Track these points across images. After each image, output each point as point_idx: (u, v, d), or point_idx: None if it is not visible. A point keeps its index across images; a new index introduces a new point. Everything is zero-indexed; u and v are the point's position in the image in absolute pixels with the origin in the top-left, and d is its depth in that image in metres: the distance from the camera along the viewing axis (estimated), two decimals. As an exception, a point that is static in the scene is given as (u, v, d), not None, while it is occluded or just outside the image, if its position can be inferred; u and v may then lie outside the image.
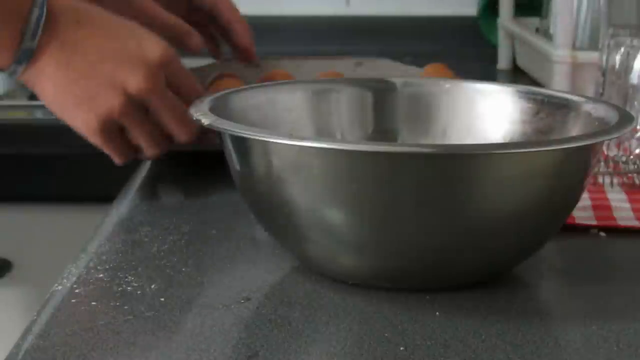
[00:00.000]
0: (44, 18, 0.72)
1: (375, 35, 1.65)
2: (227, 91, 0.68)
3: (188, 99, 0.75)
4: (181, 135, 0.78)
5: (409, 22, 1.67)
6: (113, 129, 0.76)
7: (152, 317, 0.56)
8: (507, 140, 0.68)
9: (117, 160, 0.79)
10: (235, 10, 1.05)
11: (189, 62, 1.06)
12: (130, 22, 0.77)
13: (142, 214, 0.74)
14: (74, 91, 0.74)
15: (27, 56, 0.73)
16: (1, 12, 0.71)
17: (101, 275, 0.62)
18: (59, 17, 0.73)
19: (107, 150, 0.78)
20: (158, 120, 0.77)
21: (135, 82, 0.74)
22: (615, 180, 0.79)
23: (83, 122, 0.75)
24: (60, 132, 1.16)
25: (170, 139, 0.79)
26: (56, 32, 0.73)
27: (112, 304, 0.57)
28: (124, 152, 0.78)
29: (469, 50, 1.53)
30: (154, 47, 0.75)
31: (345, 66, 1.08)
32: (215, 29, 1.07)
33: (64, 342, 0.53)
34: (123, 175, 0.86)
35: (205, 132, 0.79)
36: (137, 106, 0.75)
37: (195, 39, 0.95)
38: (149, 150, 0.78)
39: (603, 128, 0.60)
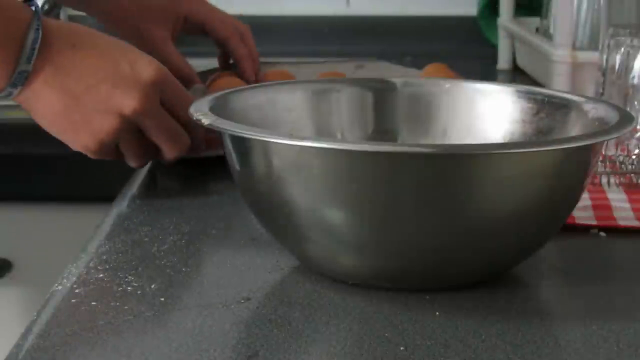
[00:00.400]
0: (39, 41, 0.72)
1: (375, 36, 1.65)
2: (227, 91, 0.68)
3: (184, 116, 0.77)
4: (170, 153, 0.80)
5: (409, 22, 1.67)
6: (110, 147, 0.77)
7: (152, 317, 0.56)
8: (507, 140, 0.68)
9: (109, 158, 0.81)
10: (227, 23, 1.07)
11: (194, 63, 1.07)
12: (123, 43, 0.78)
13: (142, 214, 0.74)
14: (71, 115, 0.75)
15: (22, 79, 0.73)
16: None
17: (101, 275, 0.62)
18: (54, 40, 0.73)
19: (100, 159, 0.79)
20: (150, 137, 0.78)
21: (130, 104, 0.75)
22: (615, 180, 0.79)
23: (81, 144, 0.76)
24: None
25: (158, 153, 0.80)
26: (51, 55, 0.73)
27: (112, 304, 0.57)
28: (114, 159, 0.80)
29: (469, 50, 1.53)
30: (147, 67, 0.76)
31: (346, 69, 1.09)
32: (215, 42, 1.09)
33: (64, 342, 0.53)
34: (123, 175, 0.86)
35: (210, 144, 0.81)
36: (131, 126, 0.76)
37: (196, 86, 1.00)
38: (135, 161, 0.80)
39: (603, 128, 0.60)
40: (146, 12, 1.03)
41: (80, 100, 0.74)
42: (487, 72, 1.40)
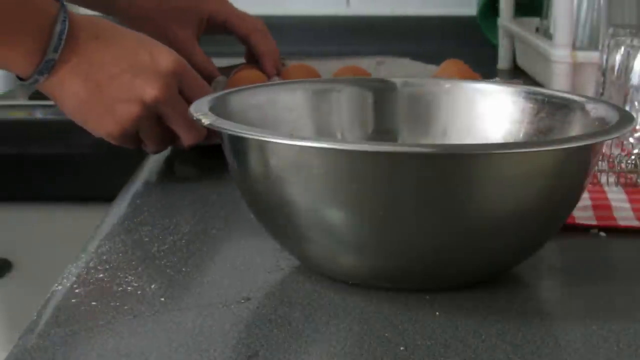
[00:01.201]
0: (66, 33, 0.76)
1: (375, 35, 1.65)
2: (227, 91, 0.68)
3: None
4: (188, 139, 0.84)
5: (409, 22, 1.67)
6: (131, 133, 0.81)
7: (152, 317, 0.56)
8: (507, 140, 0.68)
9: (128, 146, 0.85)
10: (247, 20, 1.10)
11: (218, 62, 1.08)
12: (143, 36, 0.82)
13: (142, 214, 0.74)
14: (94, 103, 0.79)
15: (49, 67, 0.77)
16: (28, 26, 0.76)
17: (101, 275, 0.62)
18: (79, 32, 0.78)
19: (121, 145, 0.83)
20: (169, 124, 0.82)
21: (150, 92, 0.79)
22: (615, 180, 0.79)
23: (105, 130, 0.81)
24: (60, 132, 1.16)
25: (176, 139, 0.84)
26: (76, 46, 0.77)
27: (112, 304, 0.57)
28: (134, 145, 0.84)
29: (469, 50, 1.53)
30: (166, 58, 0.80)
31: (367, 65, 1.09)
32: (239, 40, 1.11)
33: (64, 342, 0.53)
34: (123, 175, 0.86)
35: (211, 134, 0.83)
36: (152, 113, 0.81)
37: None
38: (153, 147, 0.84)
39: (603, 128, 0.60)
40: (170, 14, 1.06)
41: (103, 89, 0.78)
42: (487, 72, 1.40)
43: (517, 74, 1.39)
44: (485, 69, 1.43)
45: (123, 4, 1.04)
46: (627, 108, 0.85)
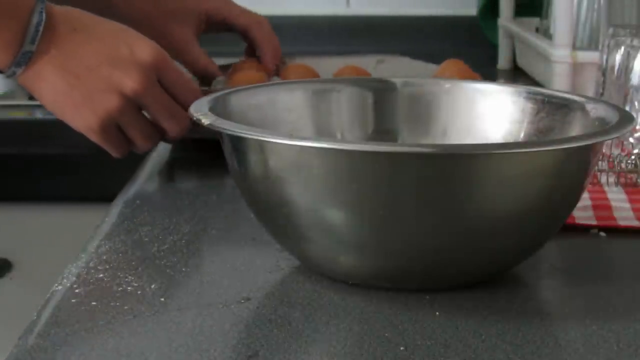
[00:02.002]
0: (43, 24, 0.76)
1: (375, 35, 1.65)
2: (227, 91, 0.68)
3: (183, 96, 0.81)
4: (173, 131, 0.82)
5: (409, 22, 1.67)
6: (111, 127, 0.80)
7: (152, 317, 0.56)
8: (507, 140, 0.68)
9: (114, 154, 0.83)
10: (246, 14, 1.09)
11: (217, 61, 1.07)
12: (123, 27, 0.81)
13: (142, 214, 0.74)
14: (73, 95, 0.78)
15: (25, 59, 0.76)
16: (5, 17, 0.75)
17: (101, 275, 0.62)
18: (56, 23, 0.77)
19: (105, 146, 0.82)
20: (152, 117, 0.81)
21: (129, 83, 0.78)
22: (615, 180, 0.79)
23: (84, 123, 0.79)
24: (60, 132, 1.16)
25: (163, 134, 0.83)
26: (54, 38, 0.77)
27: (112, 304, 0.57)
28: (121, 147, 0.82)
29: (469, 50, 1.53)
30: (145, 49, 0.79)
31: (367, 63, 1.09)
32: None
33: (64, 342, 0.53)
34: (123, 175, 0.86)
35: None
36: (132, 105, 0.79)
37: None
38: (142, 144, 0.82)
39: (603, 128, 0.60)
40: (169, 15, 1.05)
41: (81, 80, 0.78)
42: (487, 72, 1.40)
43: (517, 74, 1.39)
44: (485, 69, 1.43)
45: (120, 6, 1.04)
46: (627, 108, 0.85)
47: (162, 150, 0.95)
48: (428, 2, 1.68)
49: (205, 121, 0.59)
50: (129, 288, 0.60)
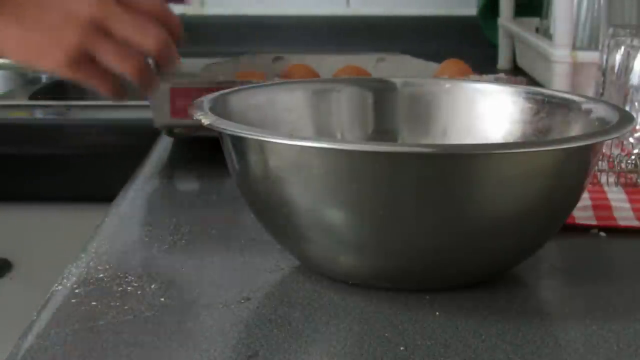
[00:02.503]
0: None
1: (375, 35, 1.65)
2: (226, 91, 0.68)
3: (145, 6, 0.77)
4: (150, 44, 0.78)
5: (409, 22, 1.67)
6: (83, 58, 0.77)
7: (152, 317, 0.56)
8: (507, 140, 0.68)
9: (104, 90, 0.80)
10: None
11: (199, 62, 1.07)
12: None
13: (142, 214, 0.74)
14: (33, 37, 0.76)
15: None
16: None
17: (101, 275, 0.62)
18: None
19: (84, 81, 0.79)
20: (121, 38, 0.78)
21: (86, 9, 0.76)
22: (615, 180, 0.79)
23: (52, 62, 0.77)
24: (60, 132, 1.16)
25: (141, 53, 0.78)
26: None
27: (112, 304, 0.57)
28: (105, 79, 0.79)
29: (469, 50, 1.53)
30: None
31: (367, 62, 1.08)
32: None
33: (64, 342, 0.53)
34: (123, 175, 0.86)
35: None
36: (95, 29, 0.77)
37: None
38: (122, 66, 0.78)
39: (603, 128, 0.60)
40: None
41: (36, 21, 0.76)
42: (487, 72, 1.40)
43: (517, 74, 1.39)
44: (485, 69, 1.43)
45: None
46: (627, 108, 0.85)
47: (162, 151, 0.95)
48: (428, 2, 1.68)
49: (205, 121, 0.59)
50: (129, 288, 0.60)
